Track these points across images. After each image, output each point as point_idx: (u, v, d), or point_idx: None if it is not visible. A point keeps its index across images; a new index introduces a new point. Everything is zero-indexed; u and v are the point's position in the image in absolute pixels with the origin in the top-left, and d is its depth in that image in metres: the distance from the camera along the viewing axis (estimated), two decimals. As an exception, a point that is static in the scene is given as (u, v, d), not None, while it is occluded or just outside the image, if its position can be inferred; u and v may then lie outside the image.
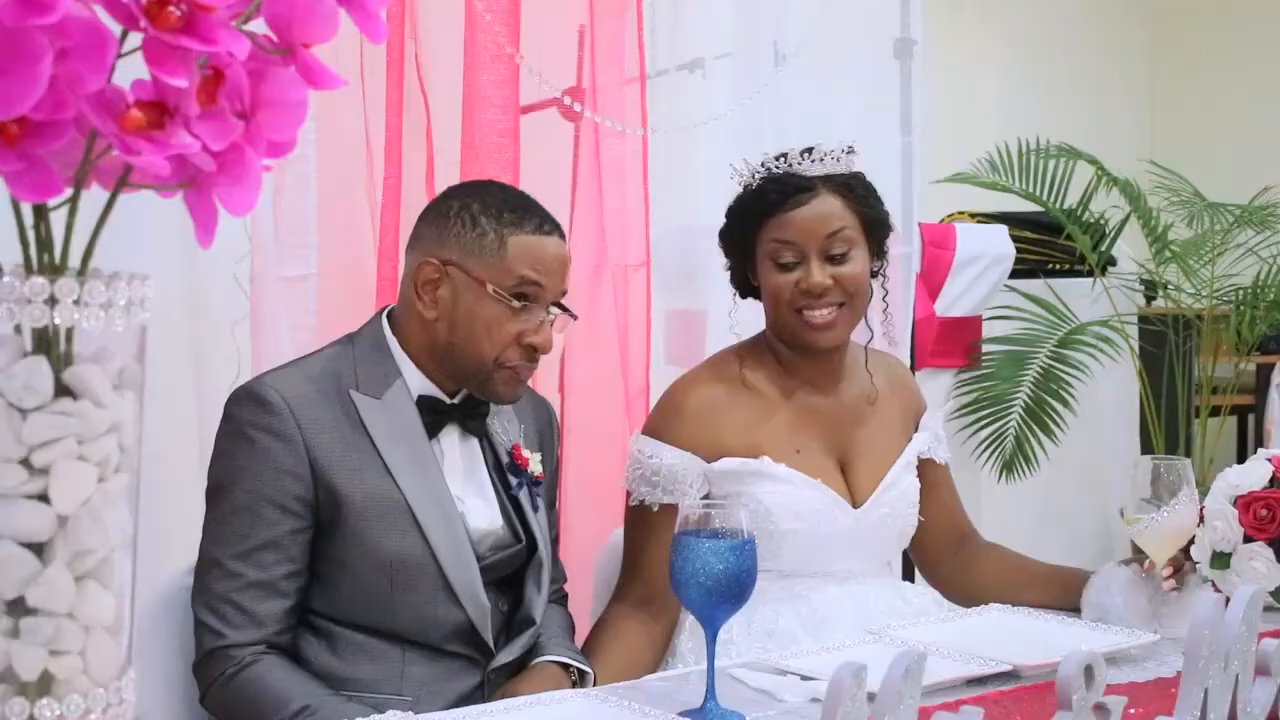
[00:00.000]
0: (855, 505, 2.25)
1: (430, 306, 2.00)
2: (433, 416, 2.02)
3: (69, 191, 0.91)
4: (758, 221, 2.23)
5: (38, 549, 0.92)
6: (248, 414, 1.93)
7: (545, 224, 2.02)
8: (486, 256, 1.98)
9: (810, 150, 2.24)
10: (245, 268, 2.47)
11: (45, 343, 0.91)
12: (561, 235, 2.05)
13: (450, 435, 2.04)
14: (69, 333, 0.92)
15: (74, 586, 0.93)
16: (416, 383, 2.02)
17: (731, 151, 2.91)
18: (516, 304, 1.97)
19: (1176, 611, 2.02)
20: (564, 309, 2.04)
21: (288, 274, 2.50)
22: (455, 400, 2.04)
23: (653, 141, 2.96)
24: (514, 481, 2.07)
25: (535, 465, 2.10)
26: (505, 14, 2.71)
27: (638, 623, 2.18)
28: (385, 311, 2.08)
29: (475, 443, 2.07)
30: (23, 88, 0.85)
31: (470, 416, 2.05)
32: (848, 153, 2.25)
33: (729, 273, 2.33)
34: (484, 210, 2.00)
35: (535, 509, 2.09)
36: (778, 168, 2.23)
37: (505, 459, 2.08)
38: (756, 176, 2.25)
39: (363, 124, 2.62)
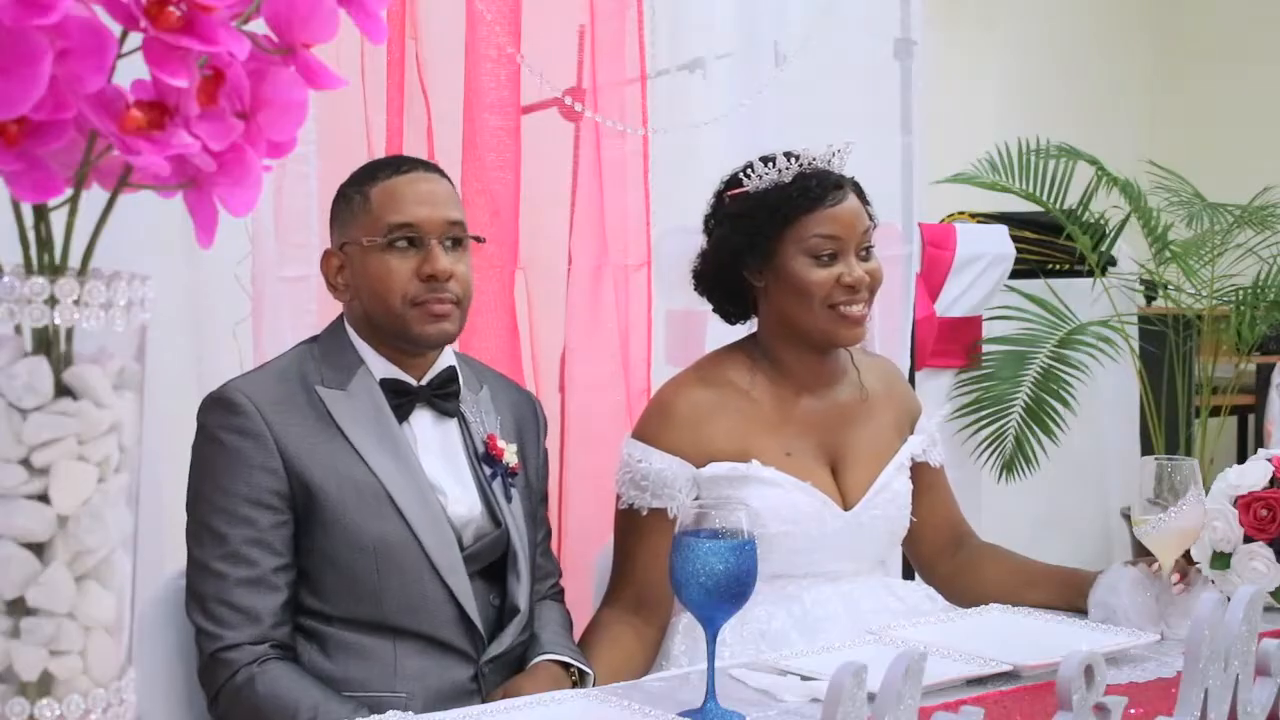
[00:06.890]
0: (846, 507, 2.24)
1: (344, 291, 2.06)
2: (401, 399, 2.03)
3: (69, 191, 0.91)
4: (797, 215, 2.19)
5: (38, 549, 0.92)
6: (216, 419, 1.96)
7: (404, 165, 2.07)
8: (359, 218, 2.03)
9: (833, 148, 2.23)
10: (245, 268, 2.48)
11: (45, 343, 0.91)
12: (428, 169, 2.07)
13: (422, 418, 2.06)
14: (69, 333, 0.92)
15: (74, 586, 0.93)
16: (380, 368, 2.04)
17: (731, 151, 2.91)
18: (400, 245, 2.00)
19: (1183, 612, 2.02)
20: (471, 237, 2.06)
21: (288, 274, 2.50)
22: (423, 382, 2.06)
23: (653, 141, 2.95)
24: (488, 471, 2.08)
25: (510, 456, 2.10)
26: (505, 14, 2.71)
27: (629, 626, 2.18)
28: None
29: (452, 427, 2.08)
30: (23, 88, 0.85)
31: (440, 397, 2.07)
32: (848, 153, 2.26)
33: (714, 284, 2.30)
34: (350, 183, 2.08)
35: (509, 499, 2.09)
36: (807, 164, 2.21)
37: (481, 448, 2.09)
38: (786, 171, 2.21)
39: (363, 124, 2.61)
